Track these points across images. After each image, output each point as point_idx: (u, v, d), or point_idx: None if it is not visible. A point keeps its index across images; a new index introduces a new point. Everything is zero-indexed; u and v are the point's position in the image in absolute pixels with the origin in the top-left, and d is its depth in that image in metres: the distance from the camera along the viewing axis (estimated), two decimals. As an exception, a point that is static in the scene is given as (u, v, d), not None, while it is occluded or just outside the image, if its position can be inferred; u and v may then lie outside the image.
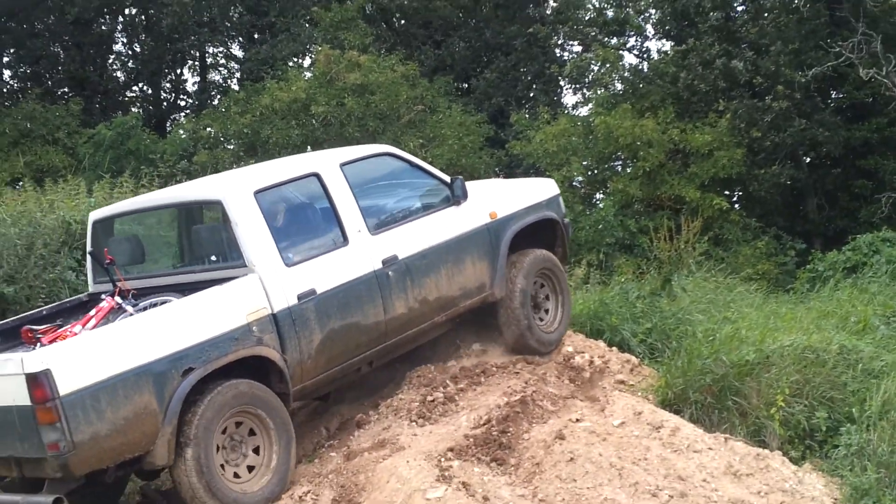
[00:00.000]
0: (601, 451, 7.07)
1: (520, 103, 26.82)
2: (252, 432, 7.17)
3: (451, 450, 7.22)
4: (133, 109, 29.03)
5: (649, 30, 27.26)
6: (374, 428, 7.97)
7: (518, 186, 9.82)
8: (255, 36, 29.33)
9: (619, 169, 22.21)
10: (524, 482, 6.92)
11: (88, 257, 8.29)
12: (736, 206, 22.87)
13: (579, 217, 19.49)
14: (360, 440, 7.81)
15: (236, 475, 7.08)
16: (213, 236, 7.68)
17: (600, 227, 18.77)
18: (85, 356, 6.50)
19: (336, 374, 7.89)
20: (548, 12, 28.36)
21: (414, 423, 7.84)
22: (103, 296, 7.68)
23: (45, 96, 26.41)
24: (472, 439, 7.38)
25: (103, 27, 30.74)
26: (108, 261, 7.69)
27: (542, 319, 9.23)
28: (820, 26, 22.17)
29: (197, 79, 32.10)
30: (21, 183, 18.46)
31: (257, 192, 7.55)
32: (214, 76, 32.55)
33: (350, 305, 7.73)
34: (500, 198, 9.14)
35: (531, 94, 27.22)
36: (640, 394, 8.53)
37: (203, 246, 7.78)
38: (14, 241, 10.65)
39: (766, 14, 23.86)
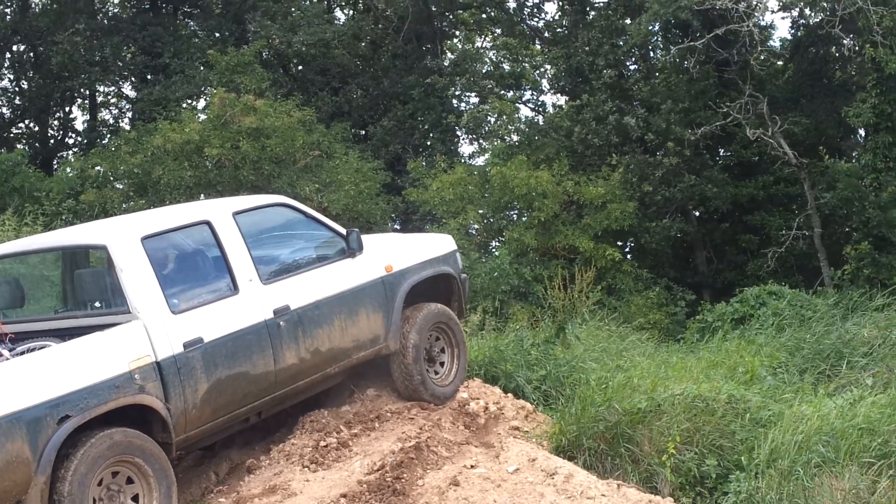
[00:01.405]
0: (496, 498, 7.04)
1: (417, 151, 26.87)
2: (130, 480, 6.95)
3: (343, 496, 7.15)
4: (18, 146, 28.16)
5: (545, 84, 27.82)
6: (266, 473, 7.84)
7: (415, 241, 9.83)
8: (149, 76, 28.84)
9: (515, 218, 22.41)
10: (418, 529, 6.82)
11: None
12: (628, 256, 23.29)
13: (475, 264, 19.52)
14: (251, 486, 7.67)
15: None
16: (97, 281, 7.50)
17: (496, 274, 18.82)
18: None
19: (222, 424, 7.76)
20: (445, 64, 28.62)
21: (306, 469, 7.76)
22: None
23: (-75, 130, 25.51)
24: (365, 485, 7.30)
25: (-10, 63, 29.91)
26: None
27: (436, 373, 9.24)
28: (709, 87, 22.93)
29: (86, 117, 31.37)
30: None
31: (144, 238, 7.44)
32: (105, 115, 31.86)
33: (238, 355, 7.61)
34: (396, 251, 9.16)
35: (428, 143, 27.30)
36: (534, 440, 8.53)
37: (86, 291, 7.60)
38: None
39: (657, 73, 24.60)
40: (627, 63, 25.24)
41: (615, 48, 23.60)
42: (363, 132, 28.18)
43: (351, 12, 30.76)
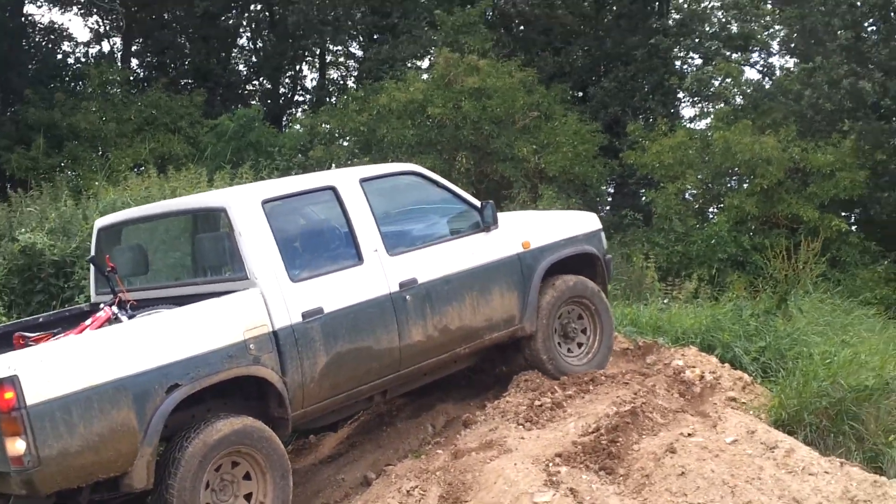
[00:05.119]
0: (713, 468, 6.94)
1: (636, 114, 26.53)
2: (235, 464, 6.71)
3: (558, 455, 7.16)
4: (252, 103, 29.56)
5: (774, 46, 26.79)
6: (481, 428, 7.92)
7: (557, 218, 9.34)
8: (376, 36, 29.62)
9: (735, 185, 21.80)
10: (633, 493, 6.83)
11: (91, 265, 7.99)
12: (854, 228, 22.26)
13: (691, 231, 19.22)
14: (467, 439, 7.76)
15: None
16: (217, 247, 7.22)
17: (713, 241, 18.43)
18: (58, 364, 6.04)
19: (343, 402, 7.46)
20: (670, 23, 28.00)
21: (521, 427, 7.77)
22: (102, 305, 7.30)
23: (169, 86, 27.06)
24: (580, 446, 7.30)
25: (229, 21, 31.41)
26: (109, 268, 7.31)
27: (572, 351, 8.79)
28: (957, 52, 21.50)
29: (315, 75, 32.58)
30: (143, 168, 19.05)
31: (265, 202, 7.18)
32: (332, 74, 32.97)
33: (360, 328, 7.29)
34: (534, 228, 8.69)
35: (648, 105, 26.90)
36: (752, 412, 8.35)
37: (207, 257, 7.39)
38: (138, 225, 10.99)
39: (897, 35, 23.21)
40: (865, 24, 23.93)
41: (853, 8, 22.43)
42: (582, 94, 28.03)
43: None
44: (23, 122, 24.25)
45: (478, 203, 8.34)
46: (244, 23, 32.03)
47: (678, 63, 28.07)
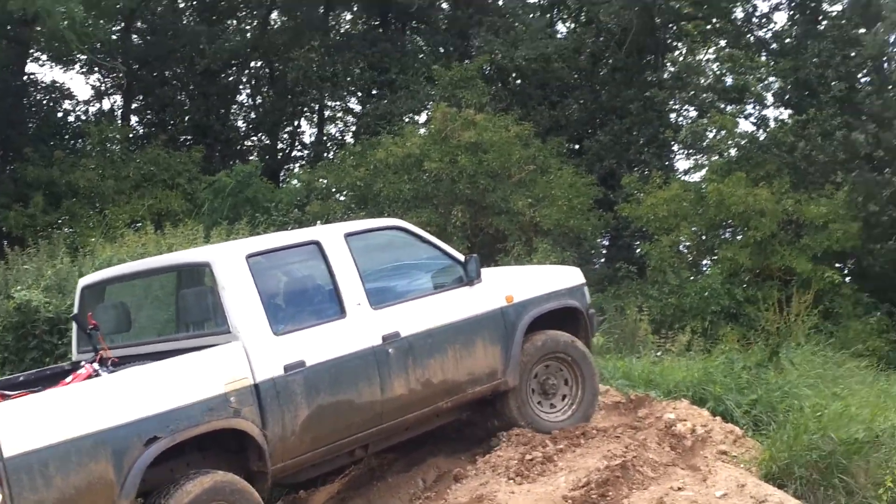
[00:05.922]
0: (701, 522, 6.95)
1: (631, 166, 26.68)
2: None
3: (548, 510, 7.17)
4: (250, 158, 29.74)
5: (769, 98, 27.01)
6: (472, 483, 7.92)
7: (540, 272, 9.43)
8: (374, 92, 29.89)
9: (729, 237, 21.90)
10: (621, 548, 6.84)
11: (73, 324, 8.02)
12: (847, 279, 22.30)
13: (685, 283, 19.26)
14: (458, 494, 7.75)
15: None
16: (200, 302, 7.25)
17: (706, 294, 18.46)
18: (35, 417, 6.05)
19: (324, 455, 7.48)
20: (665, 76, 28.27)
21: (512, 481, 7.78)
22: (83, 362, 7.27)
23: (168, 142, 27.26)
24: (570, 501, 7.31)
25: (230, 78, 31.69)
26: (91, 326, 7.29)
27: (555, 406, 8.78)
28: (949, 102, 21.70)
29: (314, 131, 32.77)
30: (140, 224, 19.18)
31: (249, 257, 7.26)
32: (331, 129, 33.20)
33: (342, 381, 7.33)
34: (518, 282, 8.75)
35: (643, 158, 27.07)
36: (742, 466, 8.35)
37: (190, 312, 7.41)
38: (133, 282, 11.08)
39: (890, 87, 23.42)
40: (859, 76, 24.17)
41: (847, 60, 22.69)
42: (577, 146, 28.23)
43: (573, 25, 30.85)
44: (21, 179, 24.46)
45: (462, 257, 8.42)
46: (244, 79, 32.33)
47: (673, 116, 28.36)
